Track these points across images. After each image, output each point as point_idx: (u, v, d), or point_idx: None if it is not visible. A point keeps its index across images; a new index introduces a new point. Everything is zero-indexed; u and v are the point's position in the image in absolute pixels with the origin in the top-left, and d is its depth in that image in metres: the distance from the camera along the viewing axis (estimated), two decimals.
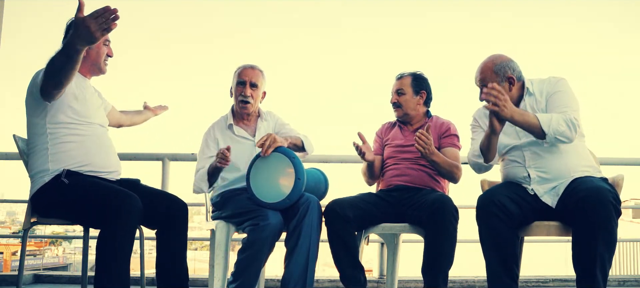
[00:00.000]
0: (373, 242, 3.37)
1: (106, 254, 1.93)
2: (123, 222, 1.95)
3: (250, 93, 2.52)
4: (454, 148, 2.55)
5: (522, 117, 2.08)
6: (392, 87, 2.65)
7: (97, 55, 2.27)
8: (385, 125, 2.78)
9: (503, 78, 2.27)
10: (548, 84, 2.28)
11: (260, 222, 2.19)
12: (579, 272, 2.01)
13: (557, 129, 2.08)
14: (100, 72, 2.32)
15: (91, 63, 2.28)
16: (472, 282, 3.34)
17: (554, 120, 2.09)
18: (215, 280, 2.32)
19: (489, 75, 2.28)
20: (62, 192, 2.06)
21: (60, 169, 2.09)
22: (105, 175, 2.20)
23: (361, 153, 2.49)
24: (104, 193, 2.02)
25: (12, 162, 3.30)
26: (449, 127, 2.59)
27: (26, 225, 2.20)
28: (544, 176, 2.19)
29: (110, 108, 2.53)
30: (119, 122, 2.62)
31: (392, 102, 2.64)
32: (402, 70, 2.67)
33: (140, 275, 2.47)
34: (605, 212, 1.95)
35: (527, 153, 2.24)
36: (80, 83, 2.23)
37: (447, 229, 2.21)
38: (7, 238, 23.74)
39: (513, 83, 2.28)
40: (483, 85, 2.29)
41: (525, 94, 2.30)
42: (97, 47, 2.26)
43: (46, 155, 2.11)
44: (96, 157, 2.18)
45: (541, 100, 2.26)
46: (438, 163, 2.36)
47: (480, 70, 2.31)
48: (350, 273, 2.30)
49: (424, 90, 2.62)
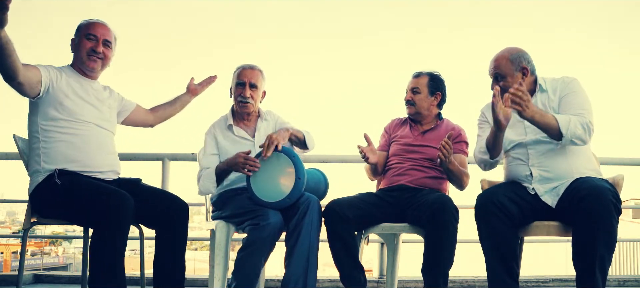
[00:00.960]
0: (373, 242, 3.37)
1: (100, 254, 1.94)
2: (116, 221, 1.95)
3: (250, 93, 2.51)
4: (463, 155, 2.56)
5: (542, 118, 2.09)
6: (408, 84, 2.64)
7: (82, 49, 2.26)
8: (395, 121, 2.77)
9: (517, 67, 2.27)
10: (562, 83, 2.28)
11: (261, 221, 2.19)
12: (579, 271, 2.01)
13: (575, 132, 2.10)
14: (89, 70, 2.29)
15: (78, 61, 2.29)
16: (472, 282, 3.34)
17: (572, 123, 2.10)
18: (215, 280, 2.32)
19: (504, 63, 2.28)
20: (56, 192, 2.07)
21: (53, 169, 2.10)
22: (100, 175, 2.20)
23: (364, 157, 2.49)
24: (96, 193, 2.02)
25: (12, 162, 3.30)
26: (460, 132, 2.60)
27: (26, 225, 2.20)
28: (546, 175, 2.19)
29: (134, 107, 2.52)
30: (146, 121, 2.60)
31: (406, 99, 2.63)
32: (420, 69, 2.67)
33: (140, 275, 2.47)
34: (606, 212, 1.95)
35: (531, 151, 2.24)
36: (74, 81, 2.24)
37: (447, 229, 2.21)
38: (7, 238, 23.74)
39: (526, 74, 2.28)
40: (497, 74, 2.29)
41: (537, 90, 2.31)
42: (80, 41, 2.26)
43: (39, 155, 2.13)
44: (89, 156, 2.18)
45: (554, 98, 2.27)
46: (452, 171, 2.38)
47: (495, 60, 2.31)
48: (350, 273, 2.30)
49: (439, 92, 2.62)
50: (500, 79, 2.28)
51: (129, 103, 2.51)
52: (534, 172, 2.22)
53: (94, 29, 2.27)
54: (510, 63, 2.27)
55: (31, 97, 2.13)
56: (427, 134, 2.60)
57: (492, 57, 2.34)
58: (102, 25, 2.31)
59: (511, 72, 2.26)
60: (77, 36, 2.29)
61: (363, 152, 2.48)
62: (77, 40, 2.29)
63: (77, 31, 2.30)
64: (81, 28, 2.29)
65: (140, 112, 2.56)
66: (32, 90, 2.11)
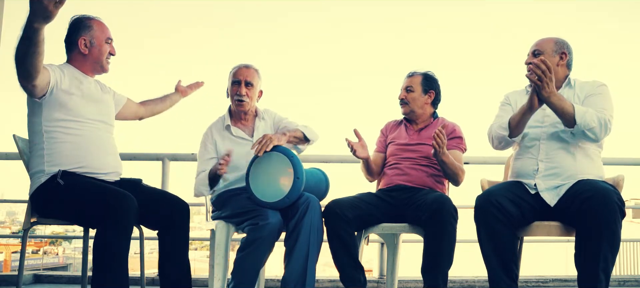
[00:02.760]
0: (373, 242, 3.37)
1: (102, 254, 1.93)
2: (118, 222, 1.95)
3: (246, 92, 2.52)
4: (459, 150, 2.56)
5: (559, 101, 2.09)
6: (402, 84, 2.66)
7: (99, 53, 2.26)
8: (391, 123, 2.79)
9: (558, 50, 2.31)
10: (591, 85, 2.29)
11: (260, 221, 2.19)
12: (581, 272, 2.01)
13: (589, 123, 2.09)
14: (102, 70, 2.31)
15: (93, 61, 2.27)
16: (472, 282, 3.34)
17: (588, 114, 2.10)
18: (215, 280, 2.32)
19: (548, 42, 2.32)
20: (58, 193, 2.06)
21: (56, 170, 2.09)
22: (102, 176, 2.19)
23: (353, 151, 2.50)
24: (99, 193, 2.02)
25: (12, 162, 3.30)
26: (454, 128, 2.60)
27: (26, 225, 2.20)
28: (552, 172, 2.19)
29: (125, 101, 2.50)
30: (136, 114, 2.59)
31: (400, 98, 2.64)
32: (414, 69, 2.68)
33: (140, 275, 2.47)
34: (610, 213, 1.96)
35: (543, 145, 2.25)
36: (75, 80, 2.21)
37: (447, 229, 2.21)
38: (7, 238, 23.74)
39: (563, 60, 2.31)
40: (536, 51, 2.32)
41: (565, 84, 2.32)
42: (99, 44, 2.26)
43: (42, 155, 2.11)
44: (92, 157, 2.17)
45: (580, 95, 2.28)
46: (446, 163, 2.37)
47: (541, 39, 2.35)
48: (350, 274, 2.30)
49: (432, 90, 2.63)
50: (537, 55, 2.30)
51: (121, 97, 2.49)
52: (540, 166, 2.22)
53: (108, 32, 2.30)
54: (554, 44, 2.31)
55: (37, 97, 2.11)
56: (423, 132, 2.61)
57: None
58: (105, 25, 2.31)
59: (550, 52, 2.29)
60: (88, 34, 2.24)
61: (351, 146, 2.49)
62: (91, 41, 2.25)
63: (87, 29, 2.24)
64: (84, 21, 2.25)
65: (131, 106, 2.54)
66: (41, 91, 2.08)
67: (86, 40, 2.25)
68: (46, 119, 2.13)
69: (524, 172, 2.27)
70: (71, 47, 2.28)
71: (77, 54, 2.26)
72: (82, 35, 2.25)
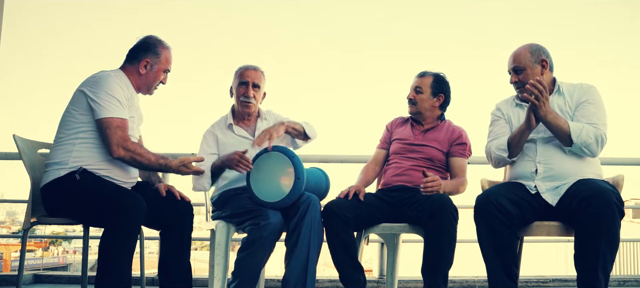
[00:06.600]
0: (373, 242, 3.37)
1: (109, 254, 1.94)
2: (127, 222, 1.97)
3: (253, 94, 2.53)
4: (463, 158, 2.56)
5: (555, 119, 2.11)
6: (412, 83, 2.64)
7: (153, 79, 2.32)
8: (397, 119, 2.78)
9: (537, 60, 2.29)
10: (580, 89, 2.29)
11: (261, 221, 2.19)
12: (581, 271, 2.01)
13: (585, 141, 2.12)
14: (147, 93, 2.37)
15: (144, 83, 2.31)
16: (472, 282, 3.34)
17: (584, 131, 2.12)
18: (215, 280, 2.32)
19: (524, 54, 2.29)
20: (72, 188, 2.07)
21: (78, 166, 2.10)
22: (121, 183, 2.20)
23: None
24: (111, 192, 2.04)
25: (12, 162, 3.29)
26: (461, 134, 2.59)
27: (26, 225, 2.20)
28: (551, 173, 2.19)
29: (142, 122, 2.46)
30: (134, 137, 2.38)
31: (408, 97, 2.63)
32: (425, 69, 2.67)
33: (140, 275, 2.47)
34: (609, 213, 1.96)
35: (540, 147, 2.25)
36: (131, 99, 2.25)
37: (447, 229, 2.21)
38: (7, 238, 23.74)
39: (545, 67, 2.29)
40: (516, 67, 2.30)
41: (554, 92, 2.31)
42: (157, 72, 2.31)
43: (71, 151, 2.12)
44: (117, 167, 2.19)
45: (571, 103, 2.27)
46: (447, 192, 2.37)
47: (514, 53, 2.33)
48: (350, 274, 2.30)
49: (442, 93, 2.61)
50: (519, 71, 2.29)
51: (141, 115, 2.42)
52: (539, 168, 2.22)
53: (170, 64, 2.37)
54: (530, 55, 2.29)
55: None
56: (428, 133, 2.60)
57: (510, 53, 2.34)
58: (171, 56, 2.39)
59: (530, 64, 2.28)
60: (153, 59, 2.29)
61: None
62: (152, 66, 2.29)
63: (154, 55, 2.30)
64: (156, 46, 2.31)
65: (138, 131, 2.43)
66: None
67: (148, 64, 2.29)
68: (90, 121, 2.14)
69: (523, 175, 2.27)
70: (132, 61, 2.30)
71: (134, 69, 2.29)
72: (147, 58, 2.28)
